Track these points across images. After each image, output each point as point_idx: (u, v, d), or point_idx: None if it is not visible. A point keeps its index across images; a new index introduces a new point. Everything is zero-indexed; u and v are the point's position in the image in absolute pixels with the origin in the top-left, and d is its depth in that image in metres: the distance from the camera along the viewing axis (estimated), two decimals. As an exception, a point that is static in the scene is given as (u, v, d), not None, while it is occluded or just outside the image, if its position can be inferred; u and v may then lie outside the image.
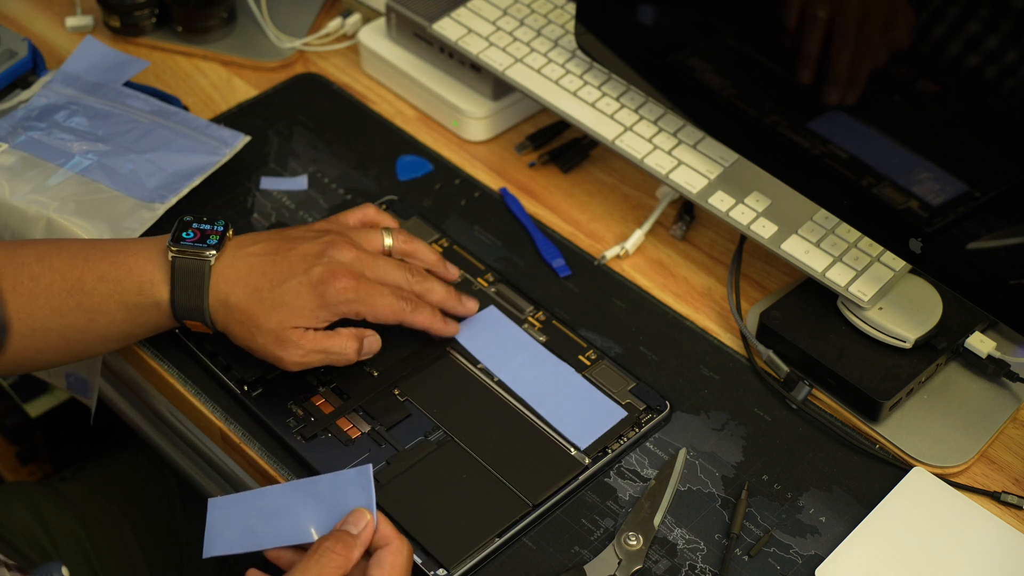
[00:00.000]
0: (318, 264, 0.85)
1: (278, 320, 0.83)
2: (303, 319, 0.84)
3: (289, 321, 0.83)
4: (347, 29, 1.21)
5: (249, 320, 0.84)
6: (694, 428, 0.89)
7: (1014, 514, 0.86)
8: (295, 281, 0.84)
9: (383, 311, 0.86)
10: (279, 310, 0.83)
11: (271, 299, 0.84)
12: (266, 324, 0.83)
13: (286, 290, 0.84)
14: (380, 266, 0.88)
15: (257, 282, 0.84)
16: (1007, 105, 0.78)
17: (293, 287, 0.84)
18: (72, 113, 1.04)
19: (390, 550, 0.75)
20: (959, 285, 0.85)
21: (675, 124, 1.01)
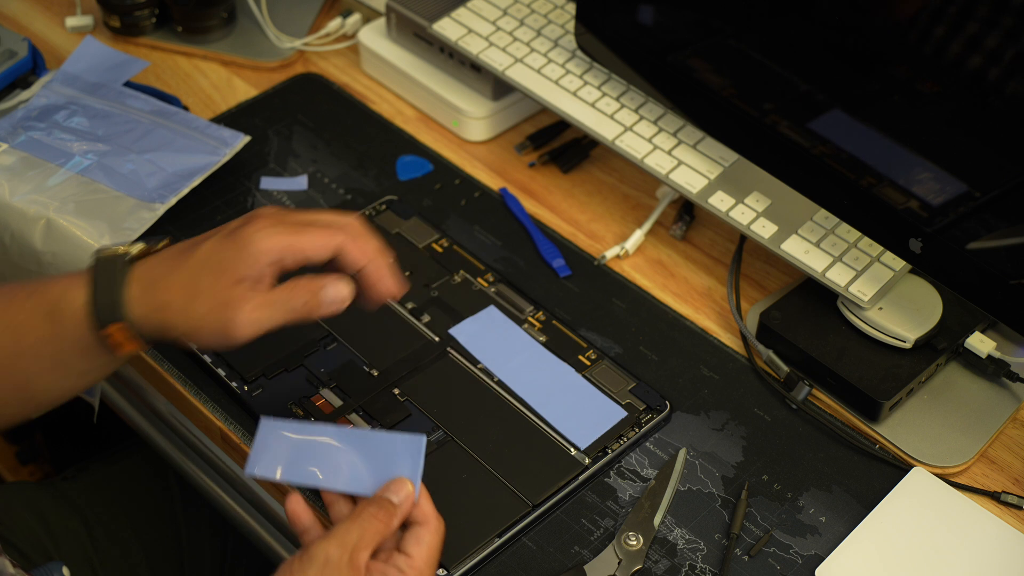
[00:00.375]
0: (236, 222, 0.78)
1: (210, 281, 0.74)
2: (234, 271, 0.75)
3: (221, 279, 0.75)
4: (347, 29, 1.21)
5: (182, 293, 0.75)
6: (694, 428, 0.89)
7: (1014, 514, 0.86)
8: (214, 238, 0.76)
9: (317, 239, 0.76)
10: (206, 271, 0.75)
11: (194, 264, 0.75)
12: (201, 288, 0.74)
13: (206, 248, 0.76)
14: (310, 213, 0.79)
15: (175, 256, 0.77)
16: (1007, 105, 0.78)
17: (213, 243, 0.76)
18: (72, 113, 1.04)
19: (429, 529, 0.75)
20: (959, 285, 0.85)
21: (675, 124, 1.01)
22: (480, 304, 0.96)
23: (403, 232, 1.02)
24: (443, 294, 0.97)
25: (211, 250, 0.76)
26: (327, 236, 0.76)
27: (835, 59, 0.87)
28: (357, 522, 0.73)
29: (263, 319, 0.75)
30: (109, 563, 1.04)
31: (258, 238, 0.75)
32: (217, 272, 0.75)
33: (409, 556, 0.74)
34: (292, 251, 0.75)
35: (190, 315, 0.75)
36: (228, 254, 0.75)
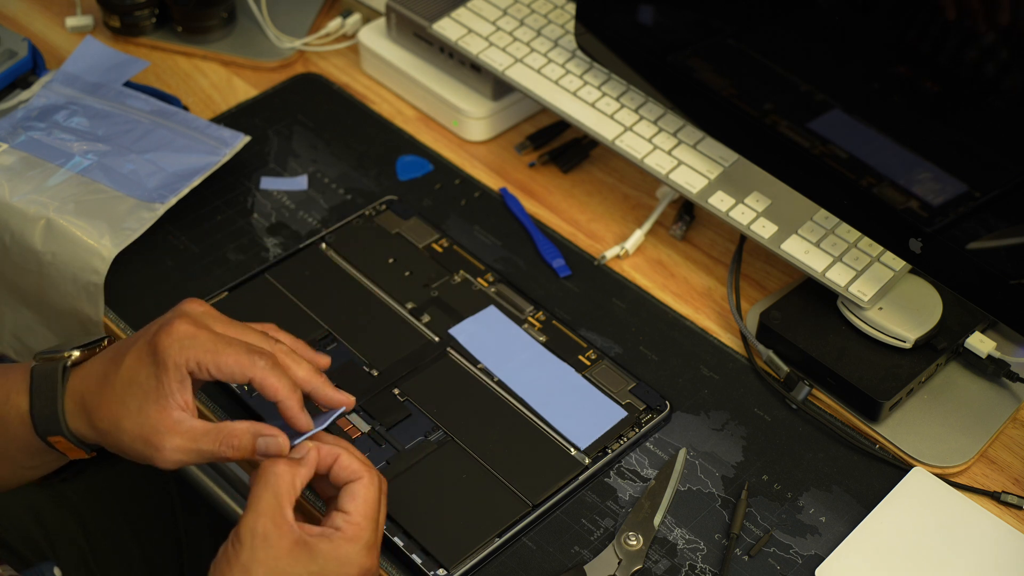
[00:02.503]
0: (158, 323, 0.75)
1: (135, 405, 0.73)
2: (153, 393, 0.73)
3: (143, 404, 0.72)
4: (347, 29, 1.21)
5: (108, 418, 0.74)
6: (694, 428, 0.89)
7: (1014, 514, 0.86)
8: (135, 348, 0.74)
9: (229, 360, 0.73)
10: (128, 394, 0.73)
11: (118, 384, 0.74)
12: (127, 413, 0.73)
13: (128, 363, 0.74)
14: (235, 325, 0.77)
15: (105, 367, 0.75)
16: (1007, 105, 0.78)
17: (134, 355, 0.74)
18: (72, 113, 1.04)
19: (362, 483, 0.73)
20: (959, 285, 0.85)
21: (675, 124, 1.00)
22: (480, 304, 0.96)
23: (403, 232, 1.02)
24: (443, 294, 0.97)
25: (131, 366, 0.74)
26: (242, 366, 0.74)
27: (835, 59, 0.87)
28: (263, 485, 0.71)
29: (187, 458, 0.74)
30: (106, 564, 1.03)
31: (172, 352, 0.73)
32: (139, 395, 0.73)
33: (346, 512, 0.73)
34: (202, 367, 0.74)
35: (118, 442, 0.75)
36: (145, 372, 0.74)
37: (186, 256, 1.00)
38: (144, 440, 0.73)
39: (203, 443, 0.73)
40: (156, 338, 0.74)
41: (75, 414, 0.76)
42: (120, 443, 0.74)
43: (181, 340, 0.73)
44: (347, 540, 0.72)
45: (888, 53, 0.83)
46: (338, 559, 0.71)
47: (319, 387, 0.77)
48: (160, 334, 0.74)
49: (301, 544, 0.71)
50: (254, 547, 0.70)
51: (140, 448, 0.73)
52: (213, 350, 0.73)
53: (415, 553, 0.80)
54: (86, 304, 0.95)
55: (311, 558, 0.71)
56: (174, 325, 0.74)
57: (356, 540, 0.72)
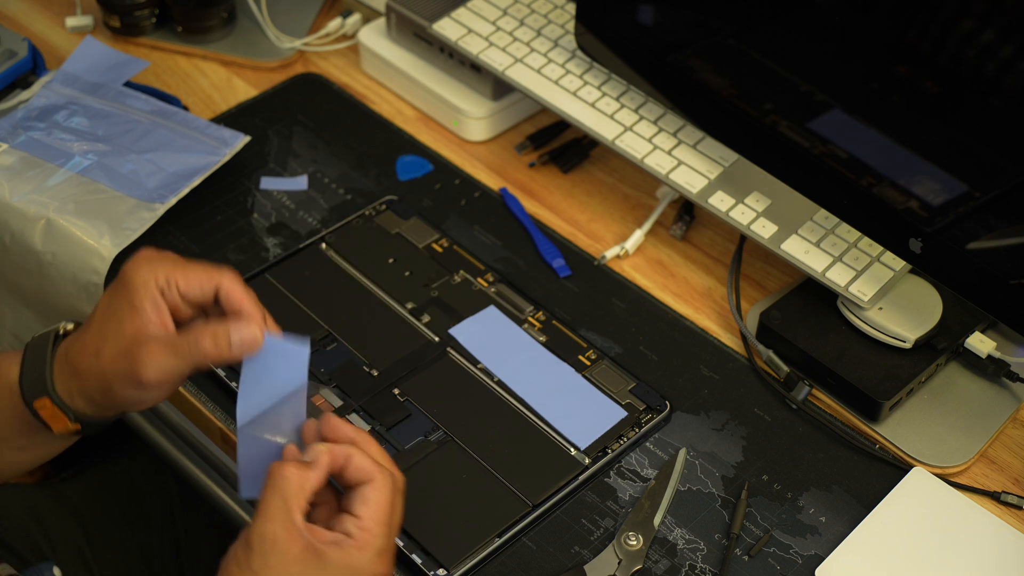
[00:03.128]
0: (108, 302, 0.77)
1: (112, 329, 0.74)
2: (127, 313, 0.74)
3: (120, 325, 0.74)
4: (347, 29, 1.21)
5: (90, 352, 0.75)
6: (694, 428, 0.89)
7: (1014, 514, 0.86)
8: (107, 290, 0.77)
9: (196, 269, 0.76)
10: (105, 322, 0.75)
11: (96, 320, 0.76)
12: (105, 340, 0.74)
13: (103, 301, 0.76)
14: None
15: (87, 321, 0.77)
16: (1007, 105, 0.78)
17: (107, 294, 0.76)
18: (72, 113, 1.04)
19: (374, 485, 0.71)
20: (959, 285, 0.85)
21: (675, 124, 1.00)
22: (480, 304, 0.96)
23: (403, 232, 1.02)
24: (443, 294, 0.97)
25: (105, 301, 0.76)
26: (209, 273, 0.76)
27: (835, 59, 0.87)
28: (272, 489, 0.70)
29: (169, 365, 0.74)
30: (105, 564, 1.04)
31: (138, 273, 0.75)
32: (114, 320, 0.74)
33: (357, 517, 0.71)
34: (170, 282, 0.75)
35: (100, 370, 0.74)
36: (117, 298, 0.75)
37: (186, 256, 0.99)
38: (124, 354, 0.73)
39: (180, 344, 0.73)
40: (124, 267, 0.76)
41: (61, 372, 0.76)
42: (103, 371, 0.74)
43: (148, 260, 0.75)
44: (358, 548, 0.70)
45: (888, 53, 0.83)
46: (350, 567, 0.70)
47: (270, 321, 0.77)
48: (127, 264, 0.76)
49: (311, 550, 0.69)
50: (264, 552, 0.69)
51: (121, 365, 0.73)
52: (179, 265, 0.75)
53: (415, 553, 0.80)
54: (86, 304, 0.95)
55: (321, 565, 0.69)
56: (139, 253, 0.76)
57: (367, 547, 0.70)
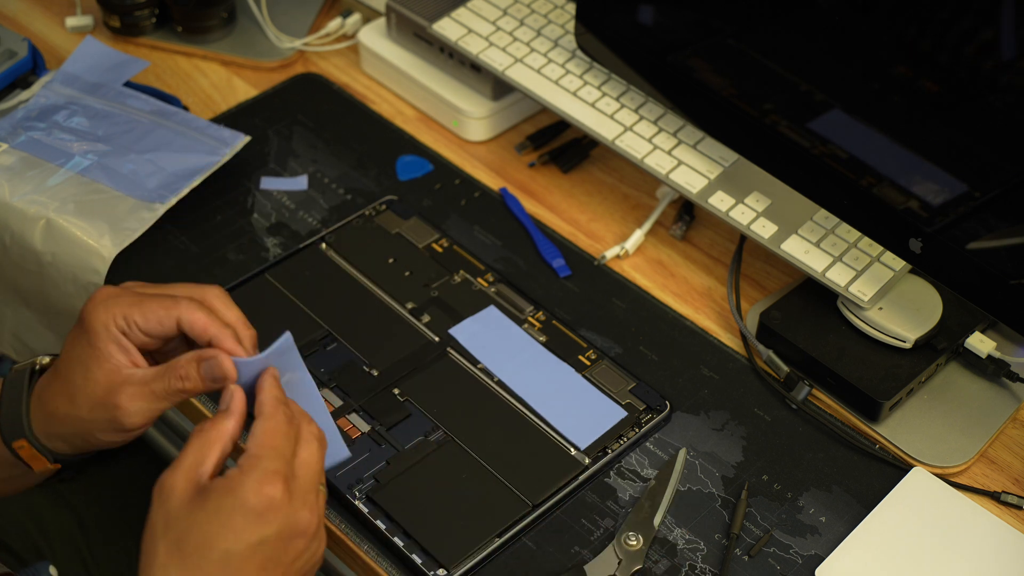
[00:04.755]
0: None
1: (80, 377, 0.72)
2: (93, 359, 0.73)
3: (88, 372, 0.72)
4: (347, 29, 1.21)
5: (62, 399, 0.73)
6: (694, 428, 0.89)
7: (1014, 514, 0.86)
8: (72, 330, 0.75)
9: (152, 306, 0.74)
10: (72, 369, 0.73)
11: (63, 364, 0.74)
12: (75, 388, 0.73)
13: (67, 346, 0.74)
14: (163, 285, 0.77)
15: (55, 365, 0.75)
16: (1007, 105, 0.78)
17: (70, 337, 0.75)
18: (72, 113, 1.04)
19: (262, 417, 0.69)
20: (959, 285, 0.85)
21: (675, 124, 1.00)
22: (480, 304, 0.96)
23: (403, 232, 1.02)
24: (443, 294, 0.97)
25: (69, 346, 0.74)
26: (167, 307, 0.73)
27: (835, 59, 0.87)
28: (189, 442, 0.68)
29: (150, 408, 0.73)
30: (104, 564, 1.03)
31: (95, 316, 0.73)
32: (82, 368, 0.73)
33: (244, 452, 0.68)
34: (129, 321, 0.73)
35: (78, 421, 0.73)
36: (80, 344, 0.73)
37: (186, 256, 1.00)
38: (101, 404, 0.72)
39: (155, 385, 0.72)
40: (82, 309, 0.74)
41: (36, 414, 0.75)
42: (80, 420, 0.73)
43: (104, 301, 0.73)
44: (240, 472, 0.67)
45: (888, 53, 0.83)
46: (231, 492, 0.66)
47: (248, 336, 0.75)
48: (85, 305, 0.74)
49: (199, 490, 0.67)
50: (159, 502, 0.67)
51: (101, 415, 0.72)
52: (136, 303, 0.73)
53: (415, 553, 0.80)
54: (86, 304, 0.95)
55: (205, 500, 0.66)
56: (96, 292, 0.74)
57: (251, 470, 0.67)
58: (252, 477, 0.67)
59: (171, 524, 0.67)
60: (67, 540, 1.03)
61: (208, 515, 0.66)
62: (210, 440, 0.68)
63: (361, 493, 0.83)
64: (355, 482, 0.84)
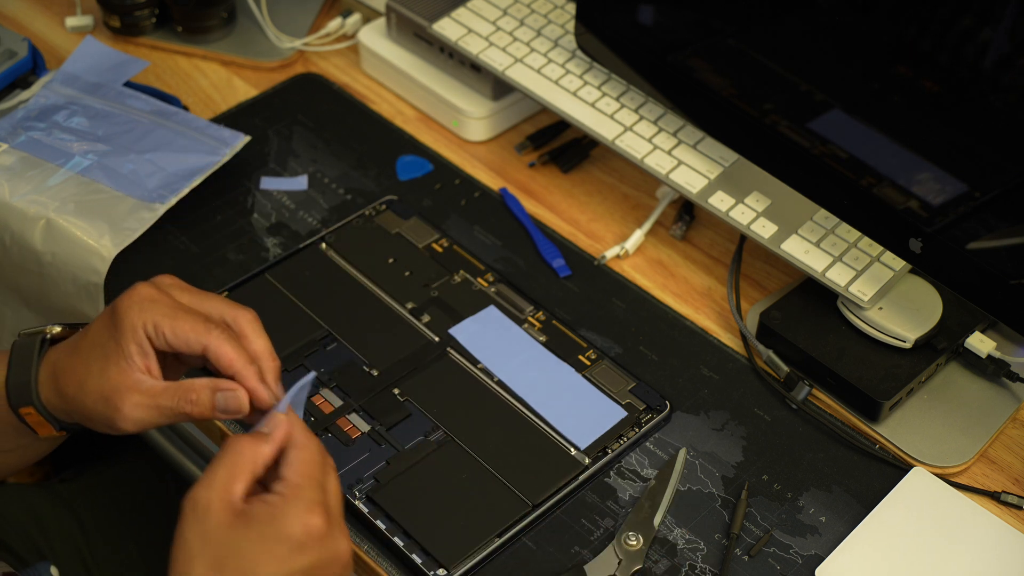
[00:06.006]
0: None
1: (97, 368, 0.73)
2: (114, 356, 0.73)
3: (105, 366, 0.73)
4: (347, 29, 1.21)
5: (75, 382, 0.74)
6: (694, 428, 0.89)
7: (1014, 514, 0.86)
8: (102, 313, 0.76)
9: (184, 326, 0.73)
10: (92, 357, 0.74)
11: (84, 348, 0.74)
12: (90, 376, 0.73)
13: (94, 327, 0.75)
14: (202, 294, 0.77)
15: (77, 338, 0.76)
16: (1007, 105, 0.78)
17: (99, 320, 0.75)
18: (72, 113, 1.04)
19: (297, 447, 0.70)
20: (959, 285, 0.85)
21: (675, 124, 1.01)
22: (480, 304, 0.96)
23: (403, 232, 1.02)
24: (443, 294, 0.97)
25: (96, 330, 0.75)
26: (198, 332, 0.74)
27: (835, 59, 0.87)
28: (223, 459, 0.69)
29: (147, 419, 0.73)
30: (103, 564, 1.03)
31: (128, 315, 0.73)
32: (101, 358, 0.74)
33: (283, 479, 0.69)
34: (159, 331, 0.73)
35: (81, 406, 0.74)
36: (106, 334, 0.74)
37: (186, 256, 1.00)
38: (104, 400, 0.73)
39: (162, 399, 0.73)
40: (118, 301, 0.74)
41: (47, 384, 0.76)
42: (84, 406, 0.74)
43: (140, 303, 0.74)
44: (284, 501, 0.68)
45: (888, 53, 0.83)
46: (274, 520, 0.68)
47: (272, 368, 0.76)
48: (122, 297, 0.74)
49: (239, 514, 0.68)
50: (196, 519, 0.68)
51: (101, 409, 0.73)
52: (171, 315, 0.73)
53: (415, 553, 0.80)
54: (86, 304, 0.95)
55: (247, 524, 0.67)
56: (136, 289, 0.75)
57: (294, 499, 0.68)
58: (296, 507, 0.68)
59: (209, 543, 0.68)
60: (67, 540, 1.03)
61: (251, 541, 0.67)
62: (244, 461, 0.69)
63: (361, 493, 0.83)
64: (355, 482, 0.84)
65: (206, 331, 0.74)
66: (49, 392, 0.76)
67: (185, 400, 0.73)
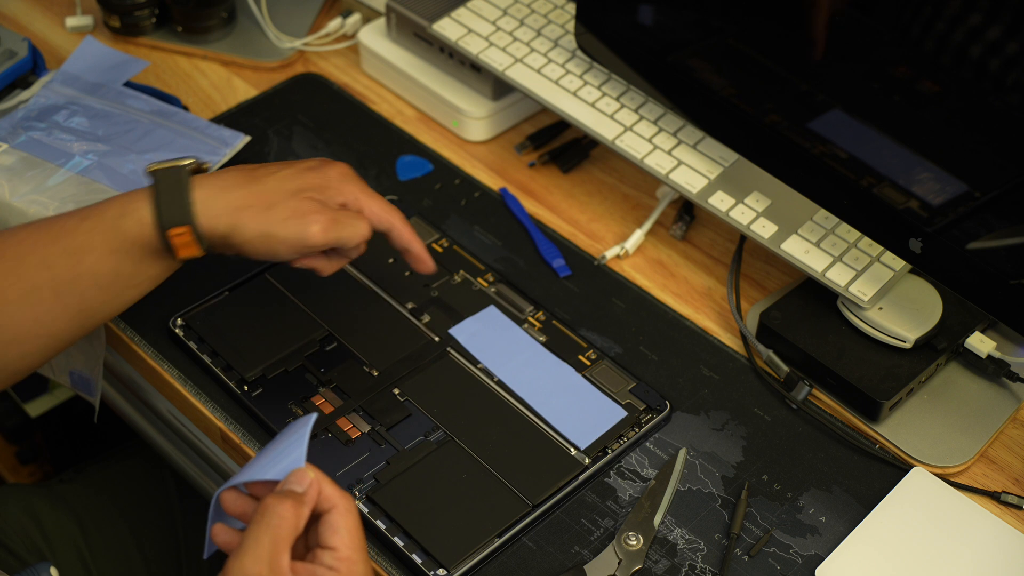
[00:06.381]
0: (303, 162, 0.86)
1: (293, 188, 0.82)
2: (312, 193, 0.83)
3: (302, 191, 0.82)
4: (347, 29, 1.21)
5: (260, 199, 0.82)
6: (694, 428, 0.89)
7: (1014, 514, 0.86)
8: (289, 169, 0.84)
9: (377, 205, 0.86)
10: (283, 189, 0.82)
11: (272, 181, 0.83)
12: (279, 199, 0.82)
13: (284, 175, 0.83)
14: None
15: (248, 173, 0.83)
16: (1007, 105, 0.78)
17: (288, 173, 0.84)
18: (72, 113, 1.04)
19: (339, 512, 0.70)
20: (959, 285, 0.85)
21: (675, 124, 1.01)
22: (480, 304, 0.96)
23: (403, 232, 1.02)
24: (443, 294, 0.97)
25: (290, 177, 0.83)
26: (385, 211, 0.86)
27: (835, 59, 0.87)
28: (265, 527, 0.68)
29: (330, 234, 0.82)
30: (105, 565, 1.04)
31: (336, 183, 0.84)
32: (295, 192, 0.83)
33: (333, 549, 0.69)
34: (356, 201, 0.85)
35: (268, 219, 0.81)
36: (307, 181, 0.83)
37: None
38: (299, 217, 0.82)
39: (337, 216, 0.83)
40: (318, 171, 0.85)
41: (206, 203, 0.81)
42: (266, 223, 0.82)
43: (341, 178, 0.85)
44: None
45: (888, 53, 0.83)
46: None
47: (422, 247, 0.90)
48: (321, 170, 0.85)
49: None
50: None
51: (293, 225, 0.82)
52: (367, 194, 0.86)
53: (415, 553, 0.80)
54: (86, 304, 0.95)
55: None
56: (329, 166, 0.86)
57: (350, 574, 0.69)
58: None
59: None
60: (67, 540, 1.03)
61: None
62: (287, 527, 0.68)
63: (361, 493, 0.83)
64: (355, 482, 0.84)
65: (392, 211, 0.86)
66: (212, 209, 0.81)
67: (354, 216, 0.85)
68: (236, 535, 0.72)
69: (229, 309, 0.94)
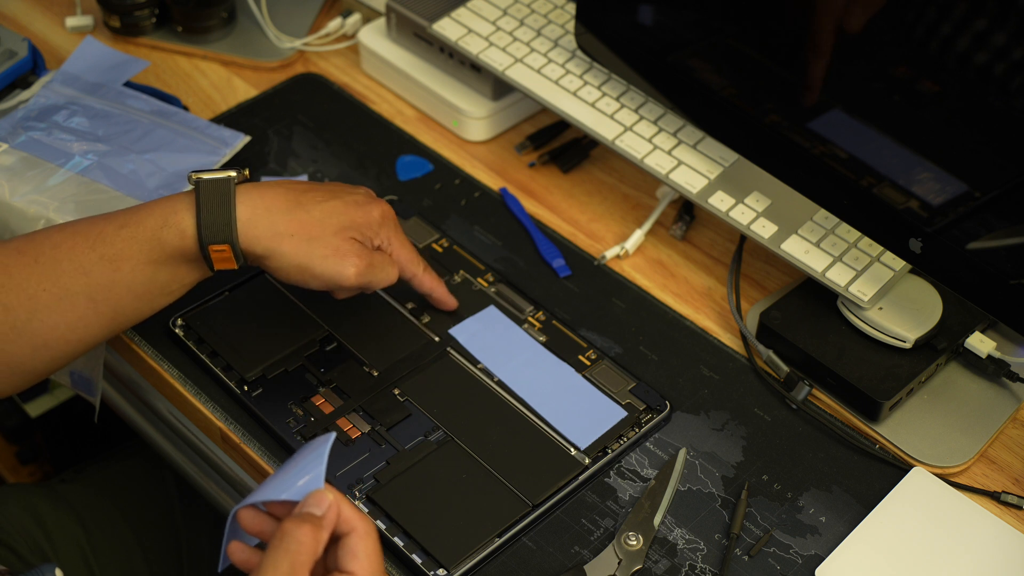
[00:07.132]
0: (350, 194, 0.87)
1: (337, 225, 0.83)
2: (354, 233, 0.84)
3: (345, 230, 0.84)
4: (347, 29, 1.21)
5: (304, 230, 0.82)
6: (694, 428, 0.89)
7: (1014, 514, 0.86)
8: (337, 201, 0.85)
9: (406, 254, 0.88)
10: (331, 220, 0.83)
11: (318, 213, 0.83)
12: (323, 233, 0.83)
13: (330, 208, 0.84)
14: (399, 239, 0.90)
15: (296, 197, 0.84)
16: (1007, 105, 0.78)
17: (335, 206, 0.84)
18: (72, 113, 1.04)
19: (358, 535, 0.69)
20: (959, 285, 0.85)
21: (675, 124, 1.01)
22: (480, 304, 0.96)
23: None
24: (443, 294, 0.97)
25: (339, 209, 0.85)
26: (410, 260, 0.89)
27: (835, 59, 0.87)
28: (284, 552, 0.66)
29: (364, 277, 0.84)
30: (107, 565, 1.03)
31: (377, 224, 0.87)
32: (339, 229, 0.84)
33: (351, 574, 0.68)
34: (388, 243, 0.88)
35: (308, 252, 0.82)
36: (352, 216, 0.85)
37: (186, 256, 1.00)
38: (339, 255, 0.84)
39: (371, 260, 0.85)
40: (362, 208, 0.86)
41: (249, 222, 0.82)
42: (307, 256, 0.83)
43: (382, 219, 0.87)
44: None
45: (888, 53, 0.83)
46: None
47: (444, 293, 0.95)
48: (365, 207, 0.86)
49: None
50: None
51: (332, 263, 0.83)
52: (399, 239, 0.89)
53: (415, 553, 0.80)
54: (86, 304, 0.95)
55: None
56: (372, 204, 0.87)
57: None
58: None
59: None
60: (70, 541, 1.03)
61: None
62: (306, 552, 0.67)
63: (361, 493, 0.83)
64: (355, 482, 0.84)
65: (416, 261, 0.90)
66: (255, 228, 0.82)
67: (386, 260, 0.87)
68: (253, 553, 0.71)
69: (229, 309, 0.94)
